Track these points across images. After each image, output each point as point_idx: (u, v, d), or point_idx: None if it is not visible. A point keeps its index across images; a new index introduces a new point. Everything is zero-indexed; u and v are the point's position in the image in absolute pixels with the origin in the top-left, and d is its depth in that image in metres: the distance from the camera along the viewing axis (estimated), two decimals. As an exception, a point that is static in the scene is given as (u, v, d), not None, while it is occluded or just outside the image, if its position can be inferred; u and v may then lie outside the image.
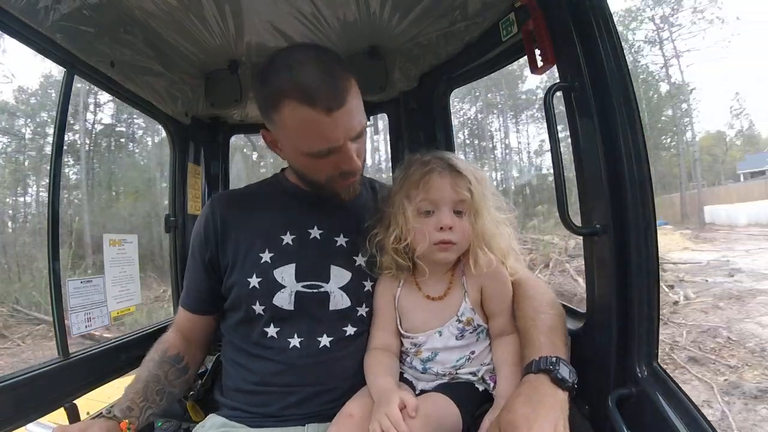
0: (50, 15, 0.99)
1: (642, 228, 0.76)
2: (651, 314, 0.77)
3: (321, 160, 0.84)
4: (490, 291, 0.87)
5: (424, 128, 1.53)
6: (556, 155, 0.83)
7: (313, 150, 0.82)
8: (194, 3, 1.13)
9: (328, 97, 0.77)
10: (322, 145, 0.81)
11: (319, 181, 0.91)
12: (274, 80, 0.80)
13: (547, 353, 0.75)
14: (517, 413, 0.67)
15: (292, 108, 0.78)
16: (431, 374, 0.88)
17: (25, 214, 14.37)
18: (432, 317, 0.88)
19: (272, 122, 0.85)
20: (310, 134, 0.80)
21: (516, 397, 0.71)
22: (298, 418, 0.86)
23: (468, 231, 0.84)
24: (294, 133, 0.82)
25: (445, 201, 0.83)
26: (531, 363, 0.75)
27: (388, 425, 0.68)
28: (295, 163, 0.93)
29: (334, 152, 0.82)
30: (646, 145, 0.77)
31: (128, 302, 1.41)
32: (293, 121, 0.79)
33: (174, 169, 1.67)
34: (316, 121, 0.77)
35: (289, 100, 0.77)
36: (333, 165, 0.85)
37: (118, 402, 0.87)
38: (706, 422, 0.67)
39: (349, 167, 0.85)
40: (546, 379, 0.72)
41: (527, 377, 0.74)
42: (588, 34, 0.80)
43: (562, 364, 0.73)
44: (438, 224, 0.82)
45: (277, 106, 0.79)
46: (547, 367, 0.72)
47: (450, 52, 1.35)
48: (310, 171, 0.90)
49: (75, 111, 12.96)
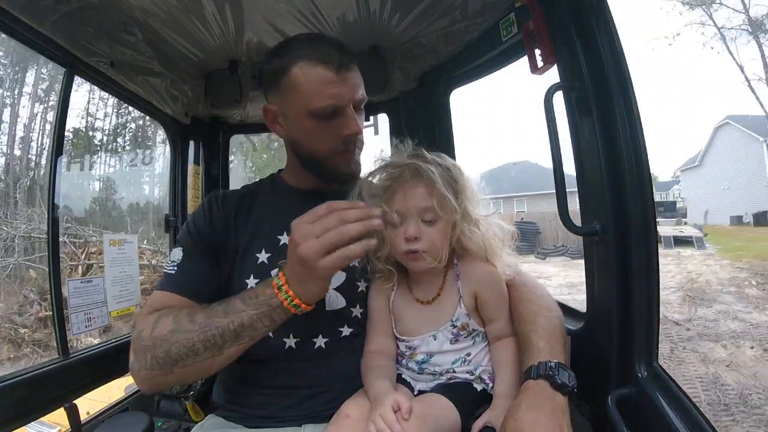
0: (50, 15, 0.99)
1: (642, 228, 0.76)
2: (651, 314, 0.77)
3: (325, 123, 0.87)
4: (484, 297, 0.86)
5: (424, 128, 1.53)
6: (556, 155, 0.83)
7: (320, 106, 0.85)
8: (194, 3, 1.14)
9: (338, 58, 0.85)
10: (329, 101, 0.85)
11: (322, 153, 0.91)
12: (286, 51, 0.88)
13: (546, 358, 0.75)
14: (522, 420, 0.68)
15: (303, 67, 0.85)
16: (428, 374, 0.88)
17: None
18: (426, 321, 0.88)
19: (279, 90, 0.89)
20: (318, 90, 0.85)
21: (518, 405, 0.71)
22: (295, 419, 0.86)
23: (438, 239, 0.82)
24: (304, 90, 0.86)
25: (410, 212, 0.82)
26: (530, 368, 0.75)
27: (382, 426, 0.69)
28: (298, 133, 0.92)
29: (338, 115, 0.87)
30: (646, 145, 0.77)
31: (128, 302, 1.41)
32: (304, 78, 0.85)
33: (174, 169, 1.67)
34: (325, 78, 0.85)
35: (301, 61, 0.85)
36: (336, 129, 0.88)
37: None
38: (706, 422, 0.67)
39: (351, 130, 0.88)
40: (546, 385, 0.72)
41: (527, 383, 0.74)
42: (588, 34, 0.80)
43: (562, 369, 0.73)
44: (404, 234, 0.82)
45: (288, 69, 0.86)
46: (547, 372, 0.73)
47: (450, 52, 1.35)
48: (314, 139, 0.90)
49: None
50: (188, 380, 0.83)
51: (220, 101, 1.59)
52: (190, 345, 0.75)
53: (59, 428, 1.69)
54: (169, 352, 0.75)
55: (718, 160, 20.74)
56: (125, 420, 1.13)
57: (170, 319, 0.78)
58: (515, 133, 69.85)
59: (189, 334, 0.75)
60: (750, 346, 4.89)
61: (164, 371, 0.76)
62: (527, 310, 0.86)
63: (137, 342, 0.79)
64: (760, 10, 14.02)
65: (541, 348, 0.78)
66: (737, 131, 19.22)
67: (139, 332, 0.79)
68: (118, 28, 1.19)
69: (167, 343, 0.75)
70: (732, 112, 20.26)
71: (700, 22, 12.35)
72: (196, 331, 0.75)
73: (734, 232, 16.26)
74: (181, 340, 0.75)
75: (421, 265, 0.84)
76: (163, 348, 0.76)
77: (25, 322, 5.26)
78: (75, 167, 7.19)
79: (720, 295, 7.30)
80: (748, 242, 12.97)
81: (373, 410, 0.73)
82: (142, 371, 0.78)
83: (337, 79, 0.85)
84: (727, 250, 12.24)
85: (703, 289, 7.53)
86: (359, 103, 0.91)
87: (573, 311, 1.00)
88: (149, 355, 0.76)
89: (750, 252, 11.09)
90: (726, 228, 18.05)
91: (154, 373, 0.77)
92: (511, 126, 71.97)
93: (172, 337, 0.76)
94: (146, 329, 0.79)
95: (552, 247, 14.50)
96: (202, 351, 0.75)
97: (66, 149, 6.87)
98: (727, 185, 19.86)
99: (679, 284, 7.99)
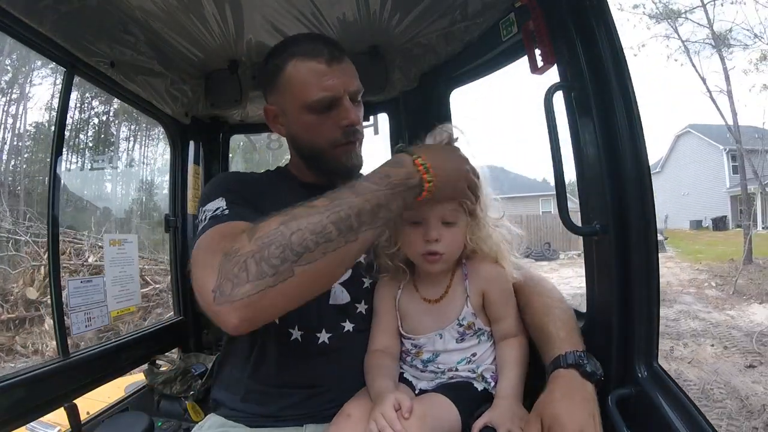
0: (50, 15, 0.99)
1: (642, 228, 0.76)
2: (651, 314, 0.77)
3: (322, 116, 0.89)
4: (492, 296, 0.87)
5: (424, 128, 1.52)
6: (557, 155, 0.83)
7: (315, 98, 0.87)
8: (194, 3, 1.13)
9: (329, 52, 0.88)
10: (324, 93, 0.87)
11: (322, 146, 0.92)
12: (279, 52, 0.92)
13: (570, 347, 0.77)
14: (559, 406, 0.70)
15: (296, 64, 0.88)
16: (430, 372, 0.89)
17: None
18: (433, 320, 0.88)
19: (276, 89, 0.92)
20: (312, 83, 0.87)
21: (552, 392, 0.73)
22: (296, 418, 0.86)
23: (458, 241, 0.84)
24: (297, 86, 0.88)
25: (434, 213, 0.82)
26: (559, 358, 0.76)
27: (383, 425, 0.70)
28: (298, 129, 0.94)
29: (334, 106, 0.89)
30: (646, 145, 0.77)
31: (128, 302, 1.41)
32: (297, 74, 0.88)
33: (174, 169, 1.67)
34: (317, 70, 0.87)
35: (293, 59, 0.88)
36: (334, 121, 0.90)
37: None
38: (706, 422, 0.67)
39: (348, 120, 0.89)
40: (576, 374, 0.74)
41: (558, 372, 0.75)
42: (588, 34, 0.80)
43: (589, 358, 0.76)
44: (425, 236, 0.82)
45: (283, 68, 0.89)
46: (577, 362, 0.75)
47: (450, 52, 1.35)
48: (314, 134, 0.92)
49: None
50: (309, 290, 0.64)
51: (220, 101, 1.59)
52: (320, 229, 0.60)
53: (59, 428, 1.69)
54: (290, 246, 0.58)
55: (678, 166, 21.36)
56: (125, 420, 1.14)
57: (273, 220, 0.62)
58: (482, 138, 70.23)
59: (314, 218, 0.61)
60: (710, 344, 5.09)
61: (281, 275, 0.58)
62: (540, 303, 0.87)
63: (229, 260, 0.59)
64: (723, 25, 14.46)
65: (562, 338, 0.80)
66: (698, 139, 19.76)
67: (230, 249, 0.61)
68: (118, 28, 1.19)
69: (283, 236, 0.59)
70: (693, 121, 20.89)
71: (665, 35, 12.59)
72: (322, 213, 0.61)
73: (694, 236, 16.84)
74: (306, 226, 0.60)
75: (436, 268, 0.85)
76: (279, 242, 0.58)
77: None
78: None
79: (680, 295, 7.57)
80: (707, 246, 13.40)
81: (374, 409, 0.74)
82: (240, 288, 0.57)
83: (329, 71, 0.87)
84: (687, 253, 12.57)
85: (664, 290, 7.71)
86: (355, 95, 0.92)
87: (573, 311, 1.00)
88: (254, 261, 0.58)
89: (709, 255, 11.42)
90: (686, 232, 18.64)
91: (264, 284, 0.57)
92: (479, 131, 72.31)
93: (288, 227, 0.60)
94: (240, 241, 0.61)
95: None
96: (335, 235, 0.60)
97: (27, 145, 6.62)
98: (687, 191, 20.53)
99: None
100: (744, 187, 12.03)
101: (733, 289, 7.53)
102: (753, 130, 12.62)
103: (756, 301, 6.87)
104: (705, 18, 11.57)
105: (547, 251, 14.61)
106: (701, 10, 11.51)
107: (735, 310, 6.54)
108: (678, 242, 15.09)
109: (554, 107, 0.82)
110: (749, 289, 7.55)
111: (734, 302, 6.95)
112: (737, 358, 4.62)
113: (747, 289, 7.56)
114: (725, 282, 8.12)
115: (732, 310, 6.55)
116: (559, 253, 14.60)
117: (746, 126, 12.60)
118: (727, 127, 11.71)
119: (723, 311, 6.50)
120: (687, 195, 20.52)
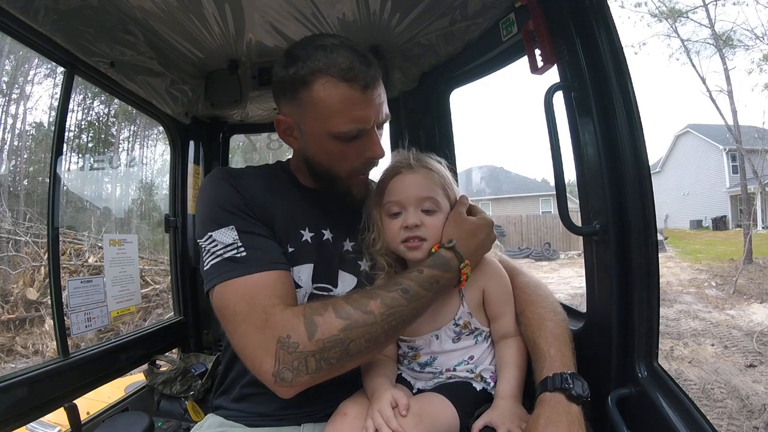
0: (50, 15, 0.99)
1: (642, 228, 0.76)
2: (651, 314, 0.77)
3: (347, 144, 0.83)
4: (491, 292, 0.87)
5: (424, 128, 1.53)
6: (557, 155, 0.83)
7: (343, 130, 0.81)
8: (194, 3, 1.14)
9: (365, 76, 0.79)
10: (353, 125, 0.81)
11: (339, 174, 0.88)
12: (307, 59, 0.80)
13: (559, 367, 0.76)
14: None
15: (327, 84, 0.78)
16: (428, 373, 0.89)
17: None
18: (428, 320, 0.87)
19: (296, 102, 0.82)
20: (343, 111, 0.80)
21: (538, 418, 0.72)
22: (293, 418, 0.87)
23: (438, 227, 0.85)
24: (326, 110, 0.80)
25: (410, 201, 0.84)
26: (546, 380, 0.76)
27: (380, 422, 0.70)
28: (317, 152, 0.87)
29: (361, 136, 0.83)
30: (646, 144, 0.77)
31: (128, 302, 1.41)
32: (327, 97, 0.79)
33: (174, 169, 1.67)
34: (350, 98, 0.79)
35: (324, 76, 0.78)
36: (358, 151, 0.85)
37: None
38: (706, 422, 0.67)
39: (374, 153, 0.86)
40: (562, 397, 0.73)
41: (544, 396, 0.74)
42: (588, 34, 0.80)
43: (576, 380, 0.74)
44: (403, 224, 0.84)
45: (310, 83, 0.79)
46: (563, 385, 0.74)
47: (450, 52, 1.35)
48: (336, 160, 0.86)
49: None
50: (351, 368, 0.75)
51: (220, 101, 1.59)
52: (374, 338, 0.71)
53: (59, 428, 1.69)
54: (347, 351, 0.70)
55: (678, 166, 21.43)
56: (125, 420, 1.14)
57: (332, 315, 0.70)
58: (482, 138, 70.53)
59: (370, 328, 0.71)
60: (711, 344, 5.09)
61: (335, 369, 0.71)
62: (534, 314, 0.86)
63: (289, 350, 0.69)
64: (724, 25, 14.39)
65: (552, 356, 0.78)
66: (697, 139, 19.78)
67: (286, 338, 0.69)
68: (118, 28, 1.19)
69: (343, 343, 0.69)
70: (693, 121, 20.93)
71: (666, 34, 12.56)
72: (378, 323, 0.71)
73: (694, 236, 16.88)
74: (362, 336, 0.70)
75: (418, 255, 0.85)
76: (337, 348, 0.69)
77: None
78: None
79: (680, 295, 7.57)
80: (707, 245, 13.41)
81: (371, 406, 0.74)
82: (299, 378, 0.69)
83: (363, 100, 0.80)
84: (687, 252, 12.56)
85: (664, 290, 7.74)
86: (383, 123, 0.87)
87: (573, 311, 1.00)
88: (314, 360, 0.68)
89: (709, 255, 11.44)
90: (686, 232, 18.69)
91: (320, 375, 0.70)
92: (479, 131, 72.59)
93: (348, 335, 0.69)
94: (297, 333, 0.69)
95: (517, 250, 14.90)
96: (383, 340, 0.73)
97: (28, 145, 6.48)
98: (687, 191, 20.59)
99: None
100: (744, 186, 12.05)
101: (733, 288, 7.54)
102: (753, 130, 12.65)
103: (756, 301, 6.88)
104: (706, 18, 11.57)
105: (547, 251, 14.64)
106: (703, 9, 11.52)
107: (735, 309, 6.55)
108: (678, 242, 15.12)
109: (554, 107, 0.83)
110: (749, 288, 7.56)
111: (734, 302, 6.95)
112: (737, 358, 4.62)
113: (747, 288, 7.57)
114: (725, 282, 8.12)
115: (732, 309, 6.55)
116: (559, 253, 14.63)
117: (746, 126, 12.62)
118: (727, 127, 11.73)
119: (723, 311, 6.51)
120: (687, 195, 20.59)
